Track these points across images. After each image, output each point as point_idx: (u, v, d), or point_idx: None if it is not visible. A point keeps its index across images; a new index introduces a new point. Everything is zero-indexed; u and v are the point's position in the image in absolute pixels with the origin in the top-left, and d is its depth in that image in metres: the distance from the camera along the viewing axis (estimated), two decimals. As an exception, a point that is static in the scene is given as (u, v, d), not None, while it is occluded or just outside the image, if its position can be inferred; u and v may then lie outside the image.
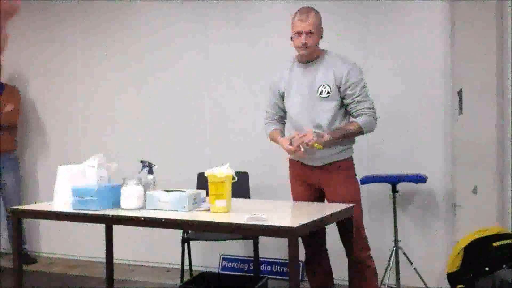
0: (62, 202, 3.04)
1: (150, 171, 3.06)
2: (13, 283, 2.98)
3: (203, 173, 2.87)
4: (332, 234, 3.14)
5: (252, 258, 4.18)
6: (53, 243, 5.11)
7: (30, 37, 5.18)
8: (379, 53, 3.94)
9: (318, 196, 3.11)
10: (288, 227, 2.33)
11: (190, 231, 3.78)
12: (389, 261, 3.67)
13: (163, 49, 4.65)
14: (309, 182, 3.10)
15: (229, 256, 4.41)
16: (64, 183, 3.07)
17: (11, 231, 4.76)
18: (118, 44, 4.82)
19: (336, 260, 3.28)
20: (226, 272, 4.30)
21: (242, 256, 4.39)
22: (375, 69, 3.95)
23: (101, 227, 3.71)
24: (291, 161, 3.20)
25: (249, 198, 3.90)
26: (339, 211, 2.78)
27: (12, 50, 5.22)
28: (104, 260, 3.63)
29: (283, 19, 4.22)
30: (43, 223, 5.13)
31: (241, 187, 3.73)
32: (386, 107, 3.91)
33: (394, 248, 3.67)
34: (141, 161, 3.10)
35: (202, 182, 3.75)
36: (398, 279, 3.82)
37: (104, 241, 3.58)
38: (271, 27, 4.26)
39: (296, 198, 3.17)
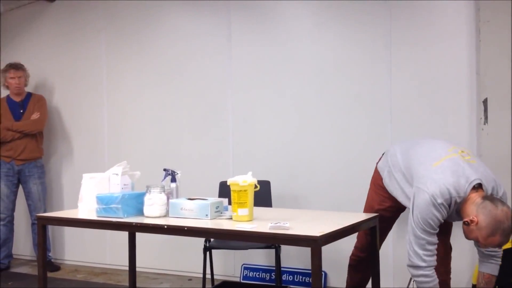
0: (86, 209, 3.08)
1: (173, 179, 3.08)
2: (38, 289, 3.02)
3: (225, 181, 2.88)
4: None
5: (273, 268, 4.17)
6: (77, 250, 5.16)
7: (55, 45, 5.27)
8: (403, 62, 3.91)
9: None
10: (312, 236, 2.31)
11: (212, 240, 3.78)
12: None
13: (187, 56, 4.68)
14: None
15: (250, 265, 4.40)
16: (88, 191, 3.11)
17: (36, 238, 4.85)
18: (143, 52, 4.88)
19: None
20: (248, 282, 4.28)
21: (263, 266, 4.37)
22: (399, 78, 3.92)
23: (124, 235, 3.74)
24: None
25: (271, 207, 3.89)
26: (364, 220, 2.76)
27: (37, 59, 5.32)
28: (127, 268, 3.65)
29: (308, 20, 4.23)
30: (67, 231, 5.19)
31: (263, 195, 3.73)
32: (411, 117, 3.88)
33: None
34: (164, 169, 3.12)
35: (224, 190, 3.76)
36: None
37: (128, 249, 3.60)
38: (296, 29, 4.26)
39: (369, 204, 3.11)
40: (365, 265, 3.15)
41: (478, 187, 2.57)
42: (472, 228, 2.50)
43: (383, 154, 3.15)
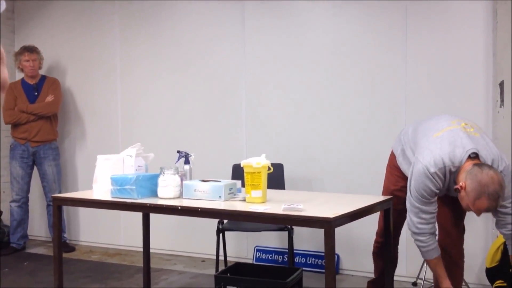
0: (101, 190, 3.11)
1: (187, 161, 3.09)
2: (53, 270, 3.06)
3: (239, 164, 2.89)
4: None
5: (286, 250, 4.18)
6: (92, 232, 5.22)
7: (69, 28, 5.28)
8: (419, 45, 3.87)
9: None
10: (325, 217, 2.31)
11: (225, 222, 3.80)
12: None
13: (200, 40, 4.67)
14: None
15: (263, 248, 4.42)
16: (103, 172, 3.14)
17: (51, 219, 4.91)
18: (156, 35, 4.87)
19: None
20: (260, 263, 4.31)
21: (276, 248, 4.39)
22: (414, 61, 3.88)
23: (138, 217, 3.77)
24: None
25: (284, 189, 3.90)
26: (377, 202, 2.76)
27: (51, 42, 5.34)
28: (141, 249, 3.69)
29: (323, 5, 4.19)
30: (82, 212, 5.24)
31: (276, 178, 3.74)
32: (425, 100, 3.85)
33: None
34: (178, 151, 3.13)
35: (238, 173, 3.77)
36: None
37: (141, 231, 3.64)
38: (311, 14, 4.23)
39: (386, 186, 3.10)
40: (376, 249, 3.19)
41: (475, 157, 2.54)
42: (462, 195, 2.49)
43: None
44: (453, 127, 2.66)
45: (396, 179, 3.03)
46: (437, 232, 2.84)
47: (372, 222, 3.26)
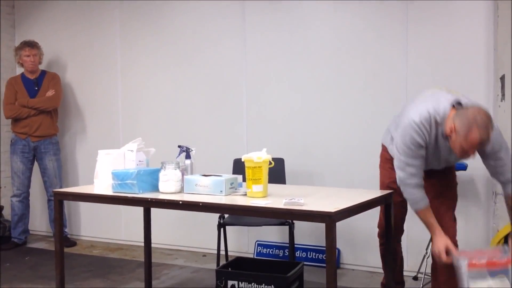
0: (102, 185, 3.11)
1: (188, 156, 3.09)
2: (55, 264, 3.07)
3: (239, 158, 2.89)
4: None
5: (286, 244, 4.19)
6: (93, 227, 5.22)
7: (69, 23, 5.27)
8: (419, 39, 3.86)
9: None
10: (326, 212, 2.32)
11: (226, 217, 3.81)
12: (426, 249, 3.63)
13: (201, 35, 4.66)
14: None
15: (264, 242, 4.43)
16: (104, 167, 3.14)
17: (52, 214, 4.92)
18: (157, 30, 4.86)
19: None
20: (261, 258, 4.32)
21: (277, 242, 4.40)
22: (415, 55, 3.88)
23: (139, 212, 3.78)
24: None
25: (285, 184, 3.90)
26: (378, 197, 2.76)
27: (51, 37, 5.33)
28: (142, 244, 3.70)
29: (323, 6, 4.19)
30: (83, 207, 5.25)
31: (277, 173, 3.73)
32: (426, 93, 3.84)
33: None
34: (179, 146, 3.13)
35: (238, 167, 3.78)
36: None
37: (142, 225, 3.64)
38: (311, 7, 4.22)
39: (382, 181, 3.12)
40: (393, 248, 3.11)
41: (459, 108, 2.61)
42: (453, 138, 2.52)
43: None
44: (436, 90, 2.80)
45: (389, 172, 3.02)
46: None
47: (372, 217, 3.27)
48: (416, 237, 3.79)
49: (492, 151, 2.65)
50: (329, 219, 2.30)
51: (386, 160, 3.08)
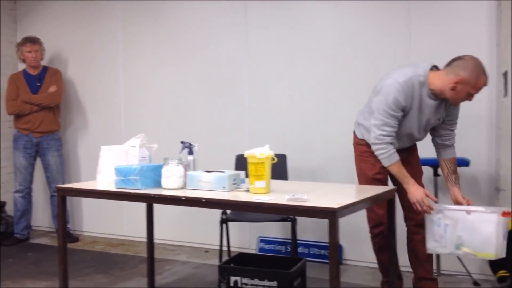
0: (105, 181, 3.11)
1: (190, 152, 3.09)
2: (58, 260, 3.07)
3: (241, 154, 2.89)
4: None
5: (289, 240, 4.20)
6: (96, 222, 5.23)
7: (70, 18, 5.27)
8: (422, 36, 3.85)
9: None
10: (329, 208, 2.32)
11: (228, 213, 3.81)
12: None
13: (203, 31, 4.66)
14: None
15: (266, 238, 4.43)
16: (106, 163, 3.14)
17: (55, 210, 4.93)
18: (159, 25, 4.86)
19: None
20: (264, 253, 4.32)
21: (279, 238, 4.41)
22: (418, 52, 3.87)
23: (141, 207, 3.78)
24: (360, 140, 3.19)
25: (287, 180, 3.90)
26: (382, 193, 2.76)
27: (52, 32, 5.33)
28: (144, 240, 3.70)
29: (325, 2, 4.18)
30: (85, 203, 5.26)
31: (279, 169, 3.74)
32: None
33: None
34: (182, 142, 3.13)
35: (241, 163, 3.78)
36: (438, 265, 3.78)
37: (145, 221, 3.65)
38: (312, 9, 4.22)
39: (363, 175, 3.16)
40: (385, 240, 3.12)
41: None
42: (459, 88, 2.82)
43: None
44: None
45: (372, 164, 3.10)
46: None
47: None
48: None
49: (455, 110, 3.05)
50: (332, 215, 2.29)
51: (365, 153, 3.15)
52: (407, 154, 3.15)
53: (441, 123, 3.08)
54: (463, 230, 2.81)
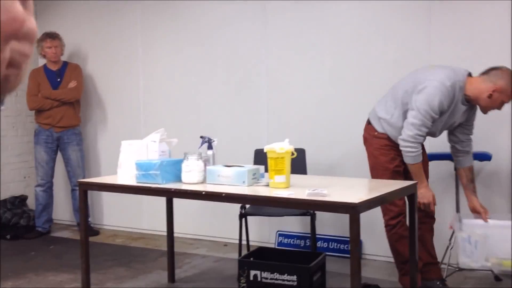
0: (125, 175, 3.14)
1: (210, 147, 3.11)
2: (80, 253, 3.11)
3: (260, 149, 2.89)
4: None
5: (308, 235, 4.19)
6: (116, 216, 5.28)
7: (89, 13, 5.30)
8: (443, 26, 3.81)
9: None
10: (350, 203, 2.31)
11: (247, 207, 3.82)
12: (450, 240, 3.59)
13: (222, 24, 4.66)
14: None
15: (285, 232, 4.44)
16: (127, 158, 3.17)
17: (76, 204, 4.99)
18: (178, 19, 4.87)
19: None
20: (283, 248, 4.33)
21: (298, 232, 4.41)
22: (438, 43, 3.83)
23: (161, 201, 3.81)
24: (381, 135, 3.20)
25: (306, 174, 3.90)
26: (403, 188, 2.74)
27: (72, 27, 5.37)
28: (164, 233, 3.73)
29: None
30: (105, 197, 5.31)
31: (298, 163, 3.73)
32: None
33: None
34: (201, 137, 3.15)
35: (259, 158, 3.78)
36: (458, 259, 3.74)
37: (164, 215, 3.67)
38: (332, 1, 4.19)
39: (383, 167, 3.17)
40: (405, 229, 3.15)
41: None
42: (495, 97, 2.92)
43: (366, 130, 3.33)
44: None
45: (392, 157, 3.14)
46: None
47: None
48: (438, 229, 3.76)
49: (473, 116, 3.13)
50: (353, 210, 2.29)
51: (387, 146, 3.16)
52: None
53: (458, 126, 3.15)
54: (492, 243, 3.00)
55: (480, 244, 2.99)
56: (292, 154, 2.76)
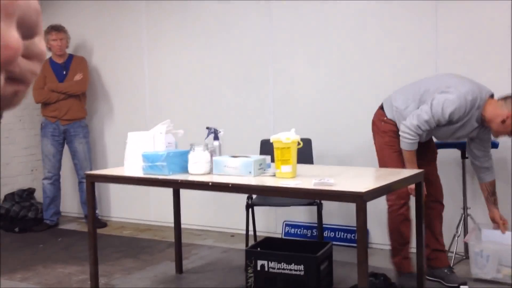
0: (132, 167, 3.14)
1: (216, 137, 3.11)
2: (88, 245, 3.13)
3: (266, 139, 2.89)
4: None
5: (314, 224, 4.20)
6: (123, 208, 5.31)
7: (94, 6, 5.30)
8: (449, 16, 3.78)
9: None
10: (357, 192, 2.31)
11: (254, 198, 3.82)
12: (457, 228, 3.60)
13: (227, 14, 4.65)
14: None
15: (292, 222, 4.44)
16: (133, 149, 3.17)
17: (83, 196, 5.01)
18: (183, 10, 4.86)
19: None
20: (290, 238, 4.34)
21: (304, 222, 4.41)
22: (444, 33, 3.80)
23: (167, 193, 3.82)
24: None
25: (312, 164, 3.89)
26: (409, 176, 2.74)
27: (77, 20, 5.37)
28: (171, 224, 3.74)
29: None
30: (113, 189, 5.33)
31: (304, 153, 3.72)
32: (456, 72, 3.77)
33: (463, 216, 3.59)
34: (207, 128, 3.15)
35: (266, 148, 3.78)
36: (466, 246, 3.74)
37: (171, 206, 3.68)
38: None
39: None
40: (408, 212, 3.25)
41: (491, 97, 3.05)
42: (508, 123, 2.96)
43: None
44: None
45: (398, 142, 3.16)
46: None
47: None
48: (446, 217, 3.76)
49: (488, 136, 3.16)
50: (360, 199, 2.29)
51: (391, 131, 3.22)
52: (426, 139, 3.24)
53: (473, 141, 3.21)
54: (503, 257, 3.11)
55: (492, 258, 3.11)
56: (298, 144, 2.75)
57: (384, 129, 3.26)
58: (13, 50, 0.42)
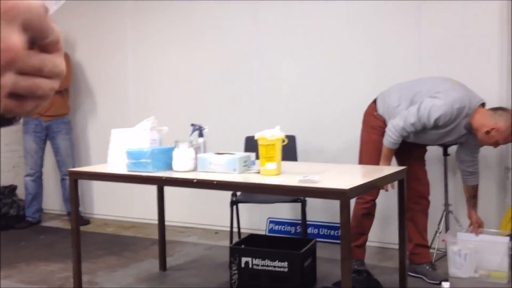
0: (116, 164, 3.13)
1: (201, 134, 3.10)
2: (71, 242, 3.11)
3: (251, 136, 2.89)
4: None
5: (298, 221, 4.22)
6: (106, 205, 5.28)
7: (78, 1, 5.25)
8: (432, 15, 3.82)
9: None
10: (340, 189, 2.33)
11: (238, 194, 3.83)
12: (438, 224, 3.64)
13: (212, 11, 4.64)
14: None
15: (276, 219, 4.46)
16: (117, 146, 3.15)
17: (65, 193, 4.97)
18: (167, 7, 4.84)
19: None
20: (274, 234, 4.35)
21: (289, 219, 4.43)
22: (427, 31, 3.84)
23: (151, 190, 3.81)
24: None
25: (296, 161, 3.91)
26: (392, 173, 2.76)
27: (60, 15, 5.31)
28: (155, 222, 3.73)
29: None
30: (96, 186, 5.29)
31: (288, 150, 3.73)
32: (439, 70, 3.81)
33: (445, 212, 3.63)
34: (192, 124, 3.14)
35: (250, 145, 3.79)
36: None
37: (155, 203, 3.67)
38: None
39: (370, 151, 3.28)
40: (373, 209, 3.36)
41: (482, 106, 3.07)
42: (492, 134, 2.98)
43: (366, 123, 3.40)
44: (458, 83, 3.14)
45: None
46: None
47: (386, 194, 3.28)
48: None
49: (476, 143, 3.16)
50: (344, 196, 2.31)
51: (380, 128, 3.26)
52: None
53: (462, 147, 3.26)
54: (480, 256, 3.18)
55: (469, 257, 3.16)
56: (283, 141, 2.76)
57: (373, 124, 3.30)
58: (14, 52, 0.43)
